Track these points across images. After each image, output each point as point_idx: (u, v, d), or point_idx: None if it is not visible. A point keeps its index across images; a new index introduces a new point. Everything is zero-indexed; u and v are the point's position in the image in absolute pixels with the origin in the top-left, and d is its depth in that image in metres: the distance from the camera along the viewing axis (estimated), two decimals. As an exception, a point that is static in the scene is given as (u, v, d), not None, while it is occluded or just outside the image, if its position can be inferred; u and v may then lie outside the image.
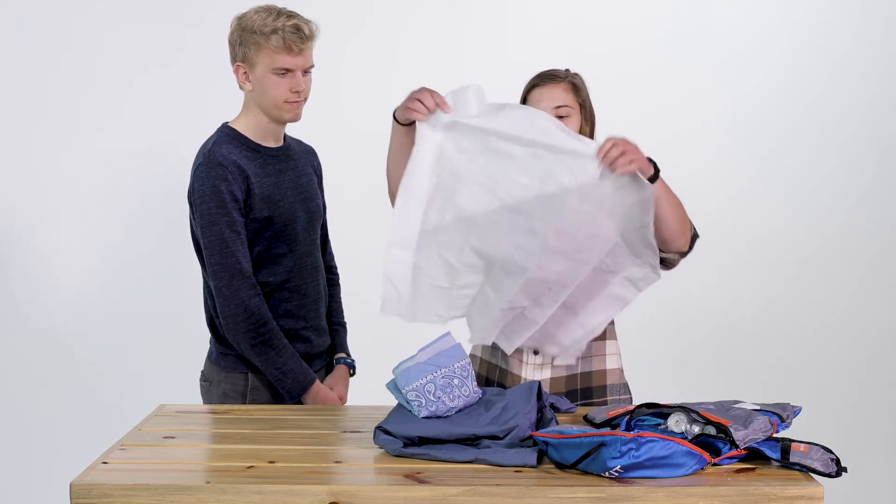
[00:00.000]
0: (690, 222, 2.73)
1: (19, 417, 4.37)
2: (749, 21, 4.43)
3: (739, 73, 4.42)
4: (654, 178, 2.56)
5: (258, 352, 2.89)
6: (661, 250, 2.69)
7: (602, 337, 2.82)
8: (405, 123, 2.69)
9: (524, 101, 2.84)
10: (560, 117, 2.76)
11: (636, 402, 2.68)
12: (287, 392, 2.92)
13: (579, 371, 2.82)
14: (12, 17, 4.28)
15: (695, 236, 2.76)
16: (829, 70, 4.43)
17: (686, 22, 4.41)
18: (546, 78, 2.82)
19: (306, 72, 2.93)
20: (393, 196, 2.77)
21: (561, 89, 2.79)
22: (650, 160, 2.57)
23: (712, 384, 4.06)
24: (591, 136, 2.85)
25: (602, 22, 4.39)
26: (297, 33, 2.85)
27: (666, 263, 2.78)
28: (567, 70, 2.86)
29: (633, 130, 4.25)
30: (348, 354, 3.19)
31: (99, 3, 4.29)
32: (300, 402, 2.95)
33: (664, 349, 4.40)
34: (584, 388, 2.82)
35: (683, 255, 2.76)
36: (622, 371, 2.91)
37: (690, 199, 4.33)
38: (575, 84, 2.82)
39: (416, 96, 2.63)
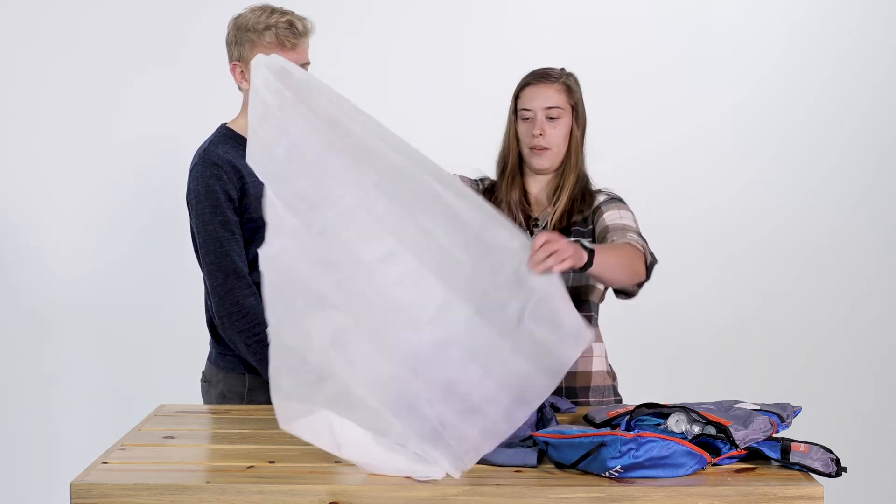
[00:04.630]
0: (643, 254, 2.58)
1: (19, 418, 4.37)
2: (749, 21, 4.42)
3: (740, 73, 4.41)
4: (589, 263, 2.30)
5: (253, 351, 2.88)
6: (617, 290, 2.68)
7: None
8: None
9: (516, 98, 2.82)
10: (550, 118, 2.76)
11: (635, 403, 2.67)
12: (283, 392, 2.91)
13: None
14: (12, 17, 4.28)
15: (652, 264, 2.64)
16: (829, 70, 4.43)
17: (686, 22, 4.41)
18: (540, 77, 2.80)
19: (301, 68, 2.92)
20: None
21: (554, 90, 2.78)
22: (581, 245, 2.30)
23: (712, 384, 4.05)
24: (582, 140, 2.81)
25: (602, 22, 4.39)
26: (289, 29, 2.87)
27: (627, 293, 2.71)
28: (562, 70, 2.84)
29: (633, 130, 4.33)
30: (348, 355, 3.18)
31: (99, 3, 4.29)
32: (297, 403, 2.93)
33: (664, 350, 4.40)
34: (569, 388, 2.80)
35: (642, 284, 2.65)
36: (608, 373, 2.89)
37: (691, 199, 4.41)
38: (569, 85, 2.80)
39: None
